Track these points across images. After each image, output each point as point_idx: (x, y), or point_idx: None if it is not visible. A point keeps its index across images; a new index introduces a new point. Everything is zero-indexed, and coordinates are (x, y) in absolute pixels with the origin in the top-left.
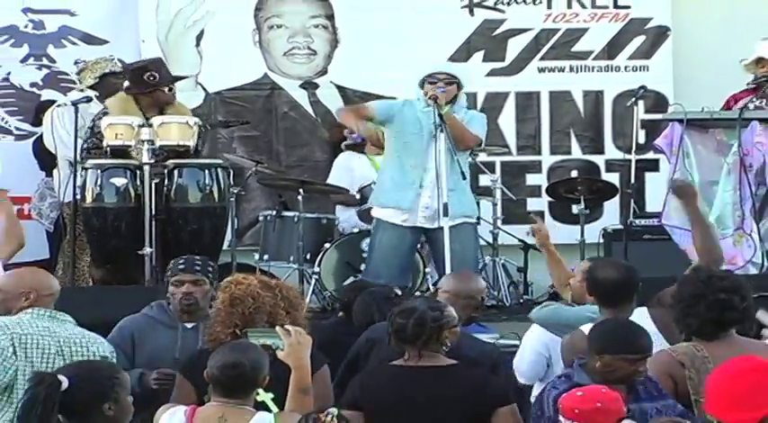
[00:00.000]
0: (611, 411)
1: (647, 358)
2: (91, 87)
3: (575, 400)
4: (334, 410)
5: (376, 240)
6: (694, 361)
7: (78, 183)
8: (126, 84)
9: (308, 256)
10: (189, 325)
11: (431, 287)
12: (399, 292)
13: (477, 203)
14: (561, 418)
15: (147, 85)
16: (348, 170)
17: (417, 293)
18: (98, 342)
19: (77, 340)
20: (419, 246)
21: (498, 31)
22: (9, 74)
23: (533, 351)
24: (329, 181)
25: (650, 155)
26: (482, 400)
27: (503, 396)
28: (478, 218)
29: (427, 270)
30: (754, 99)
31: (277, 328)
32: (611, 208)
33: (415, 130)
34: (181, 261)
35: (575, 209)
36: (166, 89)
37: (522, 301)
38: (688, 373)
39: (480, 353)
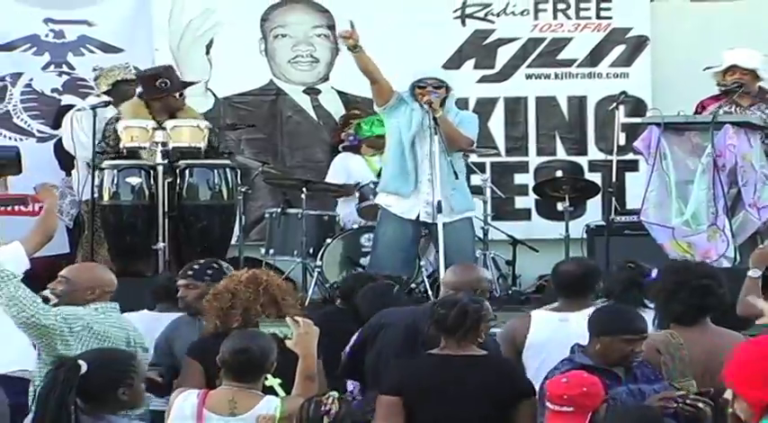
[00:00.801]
0: (596, 394)
1: (643, 339)
2: (105, 93)
3: (561, 386)
4: (335, 393)
5: (380, 233)
6: (669, 347)
7: (96, 182)
8: (139, 90)
9: (311, 251)
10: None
11: (425, 279)
12: (397, 285)
13: None
14: (549, 404)
15: (160, 90)
16: (345, 170)
17: (413, 285)
18: (141, 335)
19: (136, 334)
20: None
21: (488, 41)
22: (31, 80)
23: None
24: (327, 180)
25: (630, 156)
26: (511, 390)
27: (529, 388)
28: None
29: (422, 263)
30: (724, 105)
31: (287, 318)
32: (594, 205)
33: (409, 127)
34: (187, 267)
35: (560, 206)
36: (177, 95)
37: (510, 292)
38: (663, 358)
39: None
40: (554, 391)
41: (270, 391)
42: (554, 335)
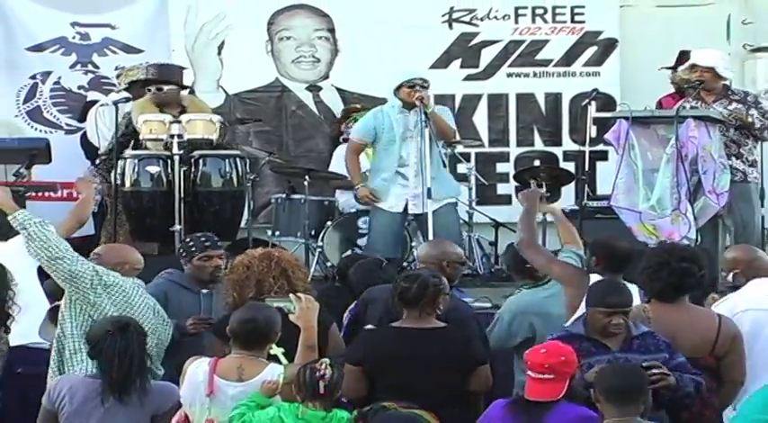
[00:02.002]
0: (573, 362)
1: (622, 313)
2: (125, 90)
3: (540, 356)
4: (326, 360)
5: (374, 223)
6: (636, 319)
7: (118, 170)
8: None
9: (313, 233)
10: (205, 291)
11: (416, 258)
12: (385, 262)
13: None
14: (529, 372)
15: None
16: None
17: (405, 263)
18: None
19: (160, 307)
20: (406, 223)
21: (473, 43)
22: (60, 78)
23: None
24: (331, 169)
25: (601, 147)
26: (467, 359)
27: (482, 357)
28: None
29: (413, 244)
30: (691, 100)
31: (290, 295)
32: (568, 191)
33: (390, 136)
34: (204, 239)
35: None
36: (165, 88)
37: (493, 270)
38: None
39: (459, 307)
40: (534, 360)
41: (274, 359)
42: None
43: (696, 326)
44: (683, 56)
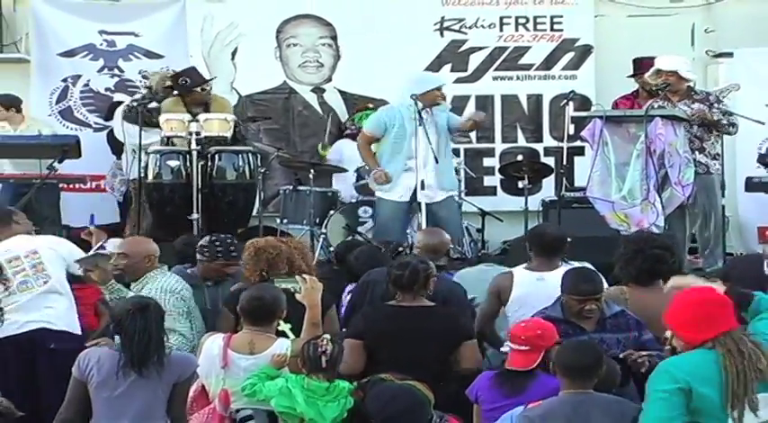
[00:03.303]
0: (549, 337)
1: (594, 300)
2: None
3: (520, 329)
4: (327, 336)
5: (381, 211)
6: (617, 301)
7: (142, 164)
8: (175, 91)
9: (317, 220)
10: (209, 283)
11: (415, 243)
12: (383, 248)
13: None
14: (509, 343)
15: (183, 87)
16: (338, 152)
17: (401, 249)
18: None
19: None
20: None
21: (462, 49)
22: (89, 81)
23: None
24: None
25: (578, 143)
26: (454, 333)
27: (469, 332)
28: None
29: (408, 231)
30: (658, 100)
31: (296, 276)
32: (548, 184)
33: (401, 132)
34: (232, 249)
35: (520, 184)
36: (199, 89)
37: (480, 254)
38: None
39: (451, 290)
40: (514, 332)
41: (282, 334)
42: (533, 291)
43: None
44: (638, 62)
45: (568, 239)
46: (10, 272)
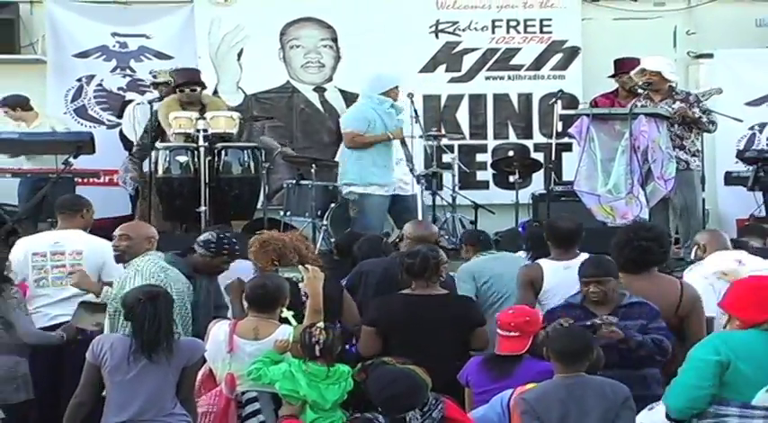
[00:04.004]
0: (535, 323)
1: (597, 282)
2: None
3: (509, 316)
4: (321, 324)
5: (369, 205)
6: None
7: (152, 159)
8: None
9: (319, 213)
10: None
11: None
12: (385, 238)
13: (441, 176)
14: (499, 331)
15: (167, 85)
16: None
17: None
18: None
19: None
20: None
21: (456, 50)
22: (102, 81)
23: None
24: (338, 158)
25: (566, 140)
26: (467, 321)
27: (480, 319)
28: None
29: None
30: (641, 99)
31: (299, 266)
32: (538, 178)
33: (381, 127)
34: (237, 247)
35: (511, 179)
36: (188, 90)
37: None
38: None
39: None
40: (503, 320)
41: (285, 321)
42: (563, 280)
43: (661, 292)
44: (619, 63)
45: (582, 230)
46: (49, 264)
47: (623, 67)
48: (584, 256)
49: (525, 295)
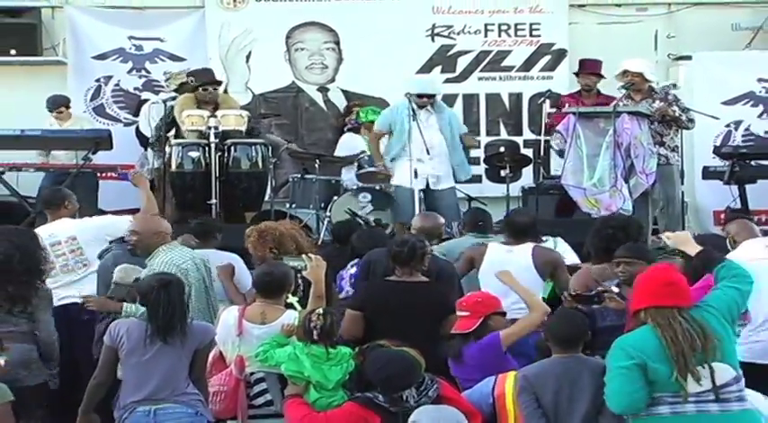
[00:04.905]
0: (488, 305)
1: (629, 263)
2: (174, 91)
3: (464, 298)
4: (320, 310)
5: (401, 196)
6: (603, 277)
7: (166, 155)
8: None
9: (322, 205)
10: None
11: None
12: (384, 229)
13: None
14: (458, 311)
15: (188, 85)
16: (347, 146)
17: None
18: None
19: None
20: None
21: (451, 52)
22: (119, 81)
23: None
24: (336, 154)
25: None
26: (444, 307)
27: (454, 306)
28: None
29: None
30: (624, 99)
31: (303, 255)
32: (528, 172)
33: (404, 127)
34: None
35: (502, 173)
36: (208, 88)
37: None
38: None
39: (442, 268)
40: (459, 301)
41: (290, 306)
42: (504, 260)
43: None
44: (583, 62)
45: (536, 224)
46: (51, 256)
47: (586, 66)
48: (530, 244)
49: (460, 267)
